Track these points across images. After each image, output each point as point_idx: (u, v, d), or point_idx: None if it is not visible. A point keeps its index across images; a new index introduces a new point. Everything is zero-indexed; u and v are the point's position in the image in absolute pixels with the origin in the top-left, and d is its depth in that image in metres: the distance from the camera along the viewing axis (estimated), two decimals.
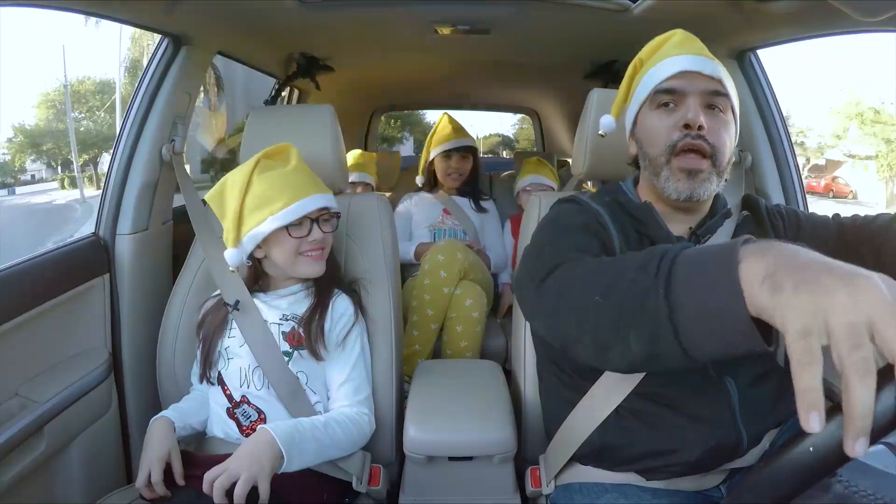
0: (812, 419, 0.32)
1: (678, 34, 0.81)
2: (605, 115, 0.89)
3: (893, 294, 0.34)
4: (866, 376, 0.31)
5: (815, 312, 0.34)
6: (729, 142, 0.76)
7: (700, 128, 0.72)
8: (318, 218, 0.95)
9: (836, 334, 0.33)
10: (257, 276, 1.01)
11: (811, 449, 0.35)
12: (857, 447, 0.32)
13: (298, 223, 0.93)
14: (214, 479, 0.72)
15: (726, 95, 0.76)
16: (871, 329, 0.33)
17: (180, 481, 0.83)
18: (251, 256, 0.96)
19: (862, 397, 0.31)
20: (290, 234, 0.92)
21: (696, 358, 0.45)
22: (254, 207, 0.91)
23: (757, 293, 0.38)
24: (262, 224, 0.90)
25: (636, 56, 0.84)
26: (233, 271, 0.97)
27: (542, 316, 0.65)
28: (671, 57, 0.76)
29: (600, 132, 0.89)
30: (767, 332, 0.40)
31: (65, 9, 0.95)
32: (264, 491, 0.74)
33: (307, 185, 0.94)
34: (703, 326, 0.43)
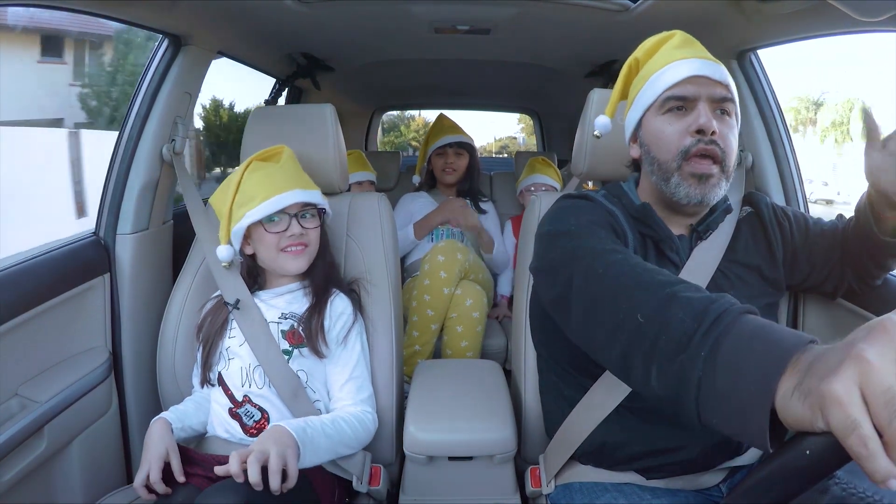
0: (891, 484, 0.31)
1: (677, 35, 0.80)
2: (601, 115, 0.88)
3: None
4: None
5: (849, 393, 0.33)
6: (736, 145, 0.76)
7: (713, 133, 0.72)
8: (298, 213, 0.96)
9: (873, 406, 0.32)
10: (253, 274, 1.01)
11: (808, 452, 0.35)
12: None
13: (277, 219, 0.94)
14: (243, 458, 0.69)
15: (733, 100, 0.76)
16: None
17: (180, 478, 0.82)
18: (243, 253, 0.98)
19: None
20: (265, 230, 0.93)
21: (703, 423, 0.44)
22: (238, 205, 0.93)
23: (787, 405, 0.37)
24: (241, 220, 0.92)
25: (630, 56, 0.84)
26: (225, 266, 0.99)
27: (581, 301, 0.61)
28: (678, 61, 0.75)
29: (595, 133, 0.88)
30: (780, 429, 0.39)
31: (65, 9, 0.95)
32: (293, 468, 0.73)
33: (287, 182, 0.95)
34: (724, 407, 0.42)
